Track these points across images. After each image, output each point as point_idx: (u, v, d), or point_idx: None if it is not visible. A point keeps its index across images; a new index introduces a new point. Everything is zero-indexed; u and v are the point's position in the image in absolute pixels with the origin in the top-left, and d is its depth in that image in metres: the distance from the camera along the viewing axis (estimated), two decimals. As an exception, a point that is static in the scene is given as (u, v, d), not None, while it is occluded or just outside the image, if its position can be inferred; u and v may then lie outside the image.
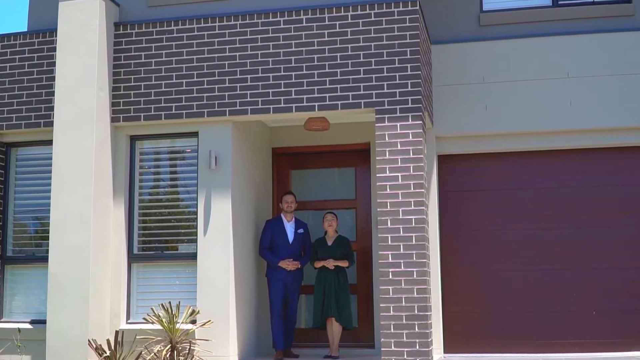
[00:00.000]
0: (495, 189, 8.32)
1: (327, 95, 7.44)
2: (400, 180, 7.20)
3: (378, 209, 7.24)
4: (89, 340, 7.18)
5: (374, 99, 7.37)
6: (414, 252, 7.10)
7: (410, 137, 7.24)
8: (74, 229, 7.47)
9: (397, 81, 7.29)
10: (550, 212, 8.17)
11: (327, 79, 7.43)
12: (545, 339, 7.99)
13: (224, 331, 7.45)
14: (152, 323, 7.31)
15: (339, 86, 7.41)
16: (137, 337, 7.39)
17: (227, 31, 7.72)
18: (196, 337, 7.40)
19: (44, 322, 7.73)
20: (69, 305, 7.34)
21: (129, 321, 7.77)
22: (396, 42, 7.36)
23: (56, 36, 7.86)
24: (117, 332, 7.22)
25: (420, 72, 7.32)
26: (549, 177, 8.22)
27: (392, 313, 7.03)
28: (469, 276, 8.26)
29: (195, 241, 7.74)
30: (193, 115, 7.71)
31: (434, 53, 8.37)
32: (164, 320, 7.22)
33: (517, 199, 8.29)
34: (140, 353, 7.22)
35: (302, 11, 7.53)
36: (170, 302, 7.33)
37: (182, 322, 7.30)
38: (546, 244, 8.15)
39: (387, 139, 7.26)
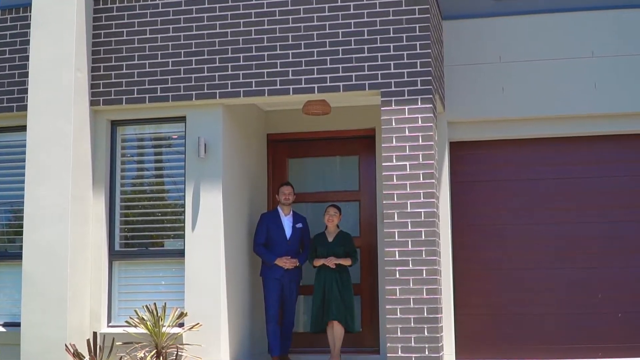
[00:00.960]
0: (513, 179, 8.36)
1: (327, 76, 7.44)
2: (408, 170, 7.21)
3: (384, 202, 7.26)
4: (66, 345, 7.18)
5: (379, 80, 7.37)
6: (424, 248, 7.12)
7: (420, 122, 7.24)
8: (50, 224, 7.48)
9: (405, 60, 7.30)
10: (574, 204, 8.21)
11: (328, 58, 7.43)
12: (567, 343, 8.04)
13: (214, 335, 7.47)
14: (136, 326, 7.30)
15: (340, 66, 7.41)
16: (119, 341, 7.42)
17: (217, 5, 7.72)
18: (184, 342, 7.45)
19: (18, 325, 7.74)
20: (45, 306, 7.36)
21: (110, 324, 7.79)
22: (404, 17, 7.36)
23: (30, 12, 7.86)
24: (95, 335, 7.23)
25: (430, 51, 7.31)
26: (572, 166, 8.26)
27: (399, 315, 7.07)
28: (483, 275, 8.30)
29: (182, 237, 7.74)
30: (180, 98, 7.72)
31: (445, 30, 8.38)
32: (148, 323, 7.23)
33: (537, 191, 8.31)
34: (121, 359, 7.24)
35: (300, -17, 7.56)
36: (155, 304, 7.33)
37: (169, 326, 7.30)
38: (569, 239, 8.19)
39: (394, 124, 7.28)
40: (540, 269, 8.19)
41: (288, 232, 8.20)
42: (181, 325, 7.47)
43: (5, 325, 7.95)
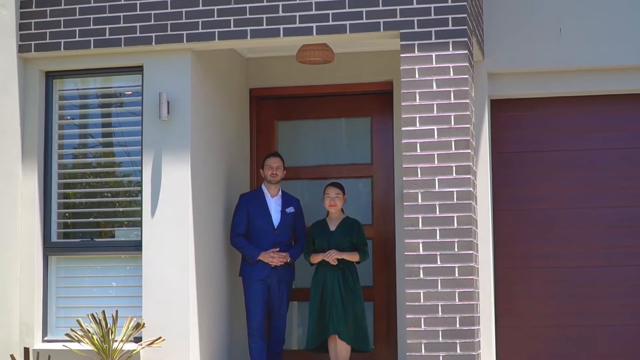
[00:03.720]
0: (574, 148, 8.41)
1: (330, 12, 7.46)
2: (436, 136, 7.20)
3: (404, 179, 7.25)
4: (-14, 367, 7.30)
5: (397, 18, 7.37)
6: (456, 240, 7.12)
7: (452, 74, 7.25)
8: (-36, 207, 7.59)
9: (432, -8, 7.38)
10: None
11: (331, -12, 7.49)
12: (642, 363, 8.17)
13: (181, 353, 7.55)
14: (79, 341, 7.34)
15: (347, -1, 7.46)
16: (56, 361, 7.52)
17: None
18: (141, 361, 7.53)
19: None
20: (-40, 315, 7.52)
21: (45, 338, 7.85)
22: None
23: None
24: (27, 352, 7.29)
25: (465, -21, 7.37)
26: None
27: (423, 328, 7.09)
28: (535, 275, 8.37)
29: (139, 224, 7.81)
30: (136, 41, 7.77)
31: (485, -49, 8.46)
32: (95, 337, 7.27)
33: (605, 163, 8.38)
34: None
35: None
36: (104, 312, 7.37)
37: (122, 340, 7.35)
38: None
39: (417, 76, 7.28)
40: (609, 267, 8.29)
41: (276, 218, 8.24)
42: (138, 340, 7.54)
43: None
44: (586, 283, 8.26)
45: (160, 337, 7.42)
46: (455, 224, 7.12)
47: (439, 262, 7.11)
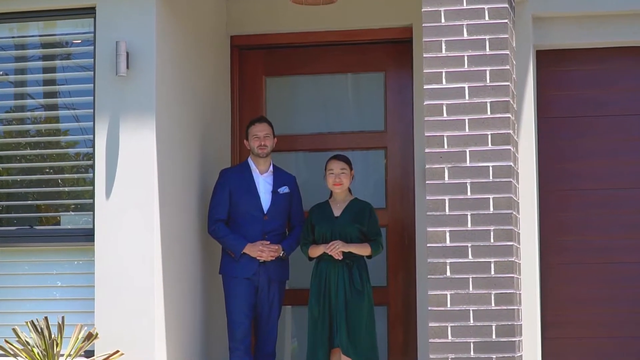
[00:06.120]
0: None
1: None
2: (467, 97, 7.16)
3: (426, 150, 7.22)
4: None
5: None
6: (492, 228, 7.07)
7: (487, 18, 7.22)
8: None
9: None
10: None
11: None
12: None
13: None
14: (15, 356, 7.36)
15: None
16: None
17: None
18: (94, 382, 7.60)
19: None
20: None
21: None
22: None
23: None
24: None
25: None
26: None
27: (450, 339, 7.05)
28: (592, 273, 8.39)
29: (90, 208, 7.85)
30: None
31: None
32: (35, 350, 7.27)
33: None
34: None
35: None
36: (47, 318, 7.37)
37: (69, 355, 7.36)
38: None
39: (443, 20, 7.24)
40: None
41: (266, 200, 8.28)
42: (89, 354, 7.54)
43: None
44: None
45: (117, 351, 7.39)
46: (492, 208, 7.07)
47: (470, 257, 7.07)
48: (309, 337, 8.10)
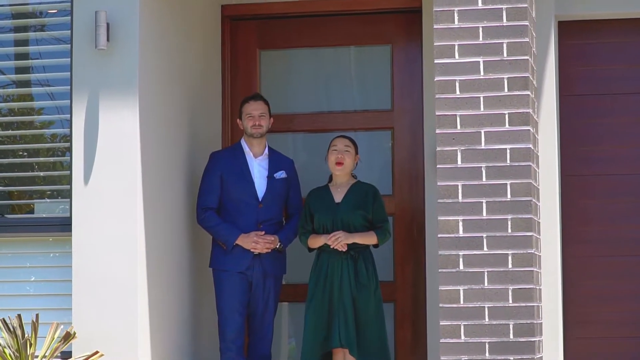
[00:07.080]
0: None
1: None
2: (482, 73, 7.13)
3: (437, 131, 7.18)
4: None
5: None
6: (509, 216, 7.05)
7: None
8: None
9: None
10: None
11: None
12: None
13: None
14: None
15: None
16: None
17: None
18: (71, 385, 7.61)
19: None
20: None
21: None
22: None
23: None
24: None
25: None
26: None
27: (463, 339, 7.03)
28: (619, 267, 8.40)
29: (67, 195, 7.88)
30: None
31: None
32: (7, 351, 7.33)
33: None
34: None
35: None
36: (19, 316, 7.40)
37: (45, 356, 7.39)
38: None
39: None
40: None
41: (261, 186, 8.31)
42: (67, 355, 7.57)
43: None
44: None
45: (97, 352, 7.39)
46: (509, 195, 7.05)
47: (485, 248, 7.05)
48: (305, 335, 8.11)
